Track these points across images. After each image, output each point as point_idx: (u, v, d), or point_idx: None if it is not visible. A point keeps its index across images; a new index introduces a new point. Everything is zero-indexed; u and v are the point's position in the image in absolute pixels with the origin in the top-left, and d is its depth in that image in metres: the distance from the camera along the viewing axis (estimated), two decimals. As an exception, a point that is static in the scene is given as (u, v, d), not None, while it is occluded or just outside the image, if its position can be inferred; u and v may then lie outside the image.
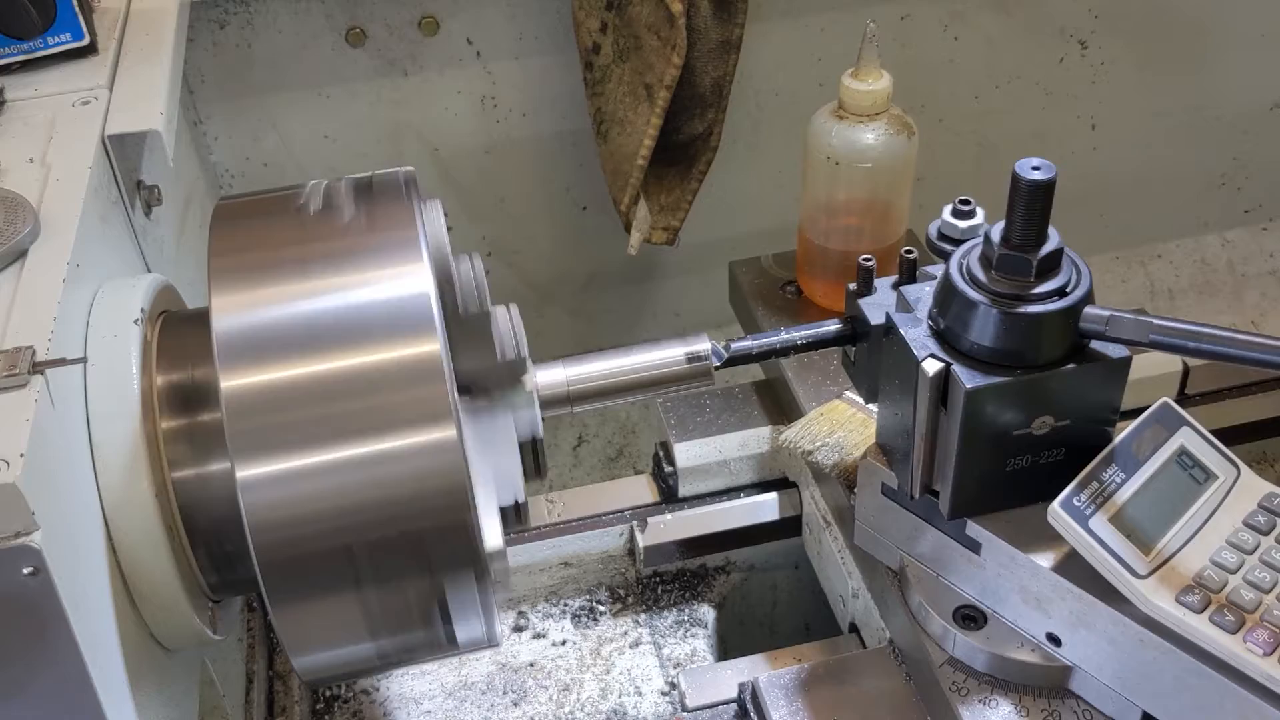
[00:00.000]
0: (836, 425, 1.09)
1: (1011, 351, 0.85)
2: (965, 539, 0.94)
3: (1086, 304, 0.86)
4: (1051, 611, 0.91)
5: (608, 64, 1.41)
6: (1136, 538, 0.85)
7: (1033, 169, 0.83)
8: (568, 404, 0.95)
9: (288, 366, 0.78)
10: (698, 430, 1.30)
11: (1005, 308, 0.85)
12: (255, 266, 0.83)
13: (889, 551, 1.03)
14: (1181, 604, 0.83)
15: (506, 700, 1.24)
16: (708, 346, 0.96)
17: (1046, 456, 0.90)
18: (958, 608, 0.96)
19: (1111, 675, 0.89)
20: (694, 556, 1.33)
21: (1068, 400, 0.88)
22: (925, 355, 0.87)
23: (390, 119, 1.52)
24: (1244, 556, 0.86)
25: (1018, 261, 0.85)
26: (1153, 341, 0.82)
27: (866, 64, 1.20)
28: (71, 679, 0.74)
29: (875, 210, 1.25)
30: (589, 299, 1.74)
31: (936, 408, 0.88)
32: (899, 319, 0.91)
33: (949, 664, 0.96)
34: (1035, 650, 0.93)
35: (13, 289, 0.81)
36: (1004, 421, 0.87)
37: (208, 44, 1.41)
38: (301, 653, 0.84)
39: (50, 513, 0.70)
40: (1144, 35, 1.66)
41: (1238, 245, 1.89)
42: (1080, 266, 0.88)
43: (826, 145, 1.21)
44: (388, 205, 0.86)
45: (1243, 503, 0.89)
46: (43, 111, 1.00)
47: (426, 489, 0.78)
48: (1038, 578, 0.90)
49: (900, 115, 1.22)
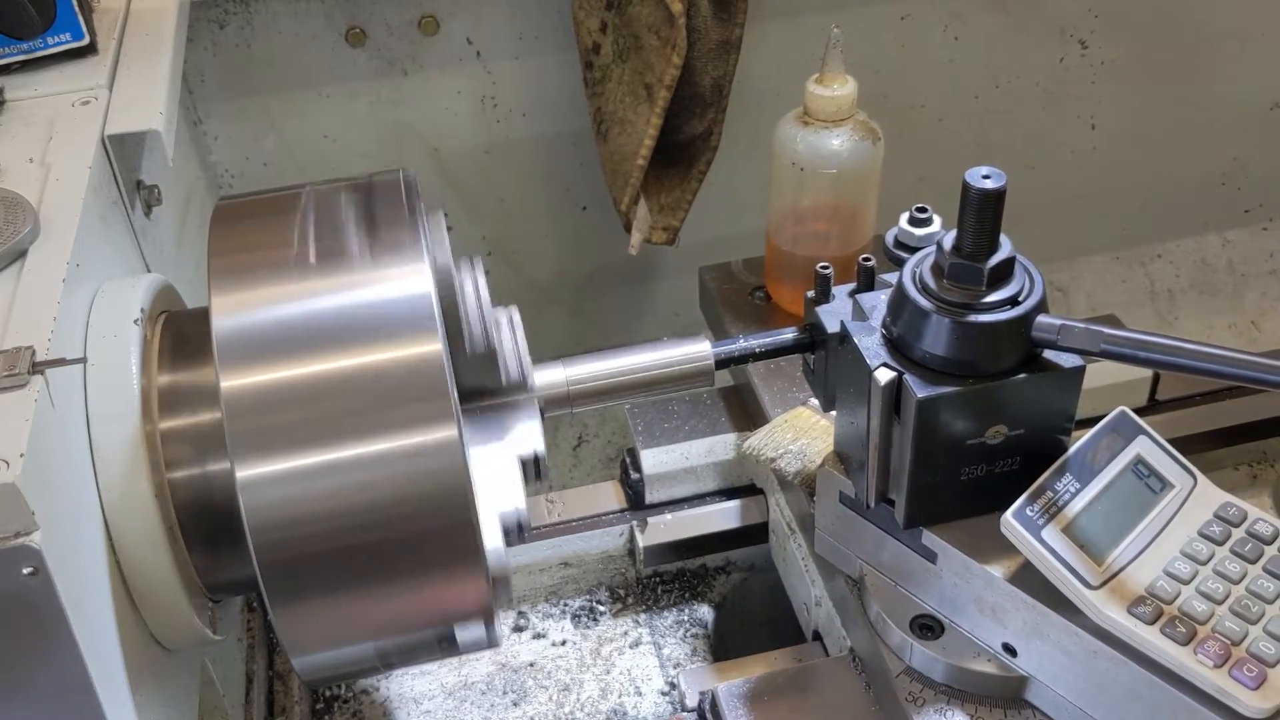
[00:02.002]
0: (800, 432, 1.09)
1: (963, 361, 0.85)
2: (921, 548, 0.94)
3: (1039, 313, 0.85)
4: (1007, 622, 0.90)
5: (608, 64, 1.41)
6: (1089, 548, 0.85)
7: (983, 178, 0.83)
8: (568, 404, 0.95)
9: (288, 366, 0.78)
10: (665, 436, 1.29)
11: (956, 317, 0.84)
12: (255, 266, 0.83)
13: (848, 560, 1.03)
14: (1133, 615, 0.83)
15: (506, 700, 1.24)
16: (708, 346, 0.96)
17: (1001, 465, 0.90)
18: (915, 617, 0.96)
19: (1066, 686, 0.89)
20: (693, 557, 1.33)
21: (1021, 410, 0.87)
22: (878, 364, 0.87)
23: (390, 119, 1.52)
24: (1198, 567, 0.85)
25: (969, 270, 0.85)
26: (1103, 351, 0.82)
27: (831, 69, 1.20)
28: (71, 679, 0.74)
29: (841, 216, 1.25)
30: (589, 299, 1.74)
31: (890, 417, 0.88)
32: (853, 327, 0.91)
33: (906, 674, 0.95)
34: (992, 660, 0.93)
35: (13, 289, 0.81)
36: (957, 431, 0.87)
37: (208, 44, 1.41)
38: (301, 653, 0.84)
39: (50, 513, 0.70)
40: (1144, 35, 1.66)
41: (1238, 245, 1.89)
42: (1034, 275, 0.87)
43: (792, 151, 1.21)
44: (388, 205, 0.86)
45: (1199, 512, 0.89)
46: (42, 111, 1.00)
47: (427, 489, 0.78)
48: (992, 588, 0.89)
49: (866, 121, 1.22)
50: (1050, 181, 1.76)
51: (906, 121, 1.66)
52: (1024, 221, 1.77)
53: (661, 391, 0.97)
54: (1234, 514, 0.89)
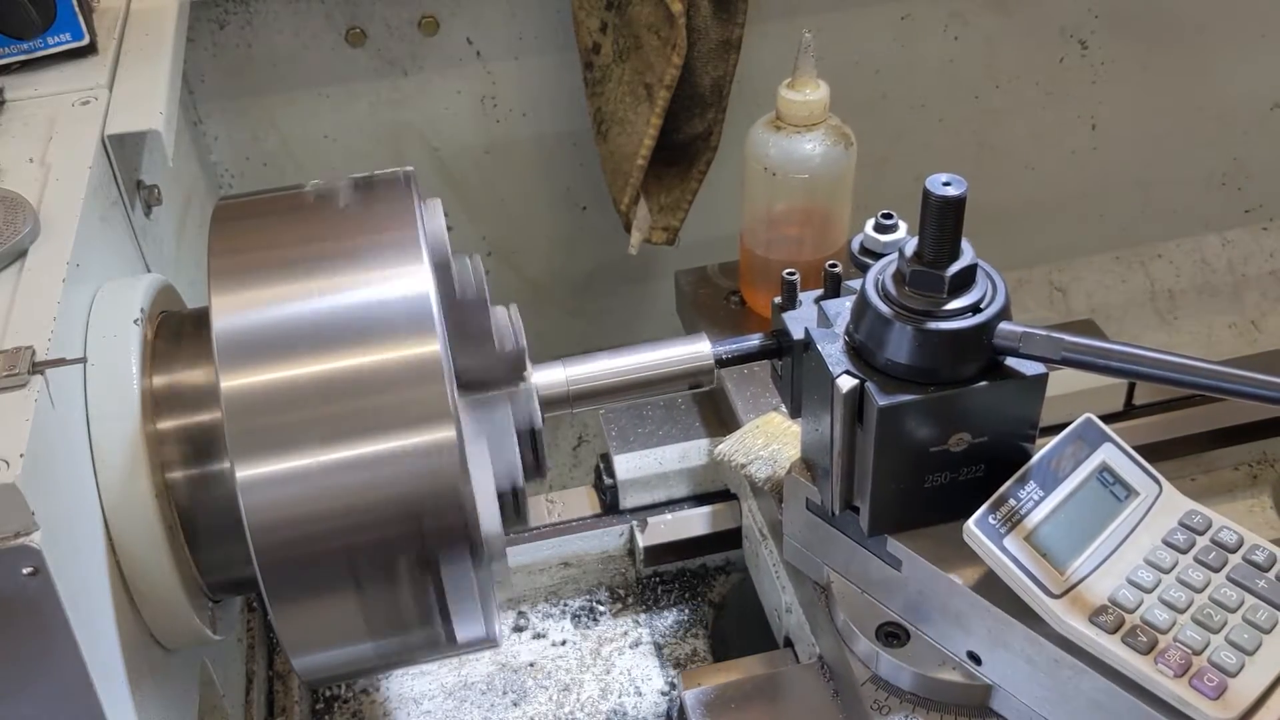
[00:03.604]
0: (771, 438, 1.08)
1: (925, 369, 0.85)
2: (887, 556, 0.93)
3: (1001, 320, 0.85)
4: (971, 630, 0.90)
5: (608, 64, 1.41)
6: (1051, 557, 0.84)
7: (943, 185, 0.82)
8: (568, 404, 0.95)
9: (288, 366, 0.78)
10: (639, 442, 1.29)
11: (918, 324, 0.84)
12: (255, 266, 0.83)
13: (816, 567, 1.02)
14: (1094, 624, 0.82)
15: (506, 700, 1.24)
16: (708, 346, 0.96)
17: (966, 473, 0.89)
18: (881, 625, 0.96)
19: (1030, 695, 0.88)
20: (694, 557, 1.33)
21: (984, 417, 0.87)
22: (840, 372, 0.87)
23: (390, 119, 1.52)
24: (1161, 575, 0.85)
25: (930, 278, 0.84)
26: (1064, 359, 0.81)
27: (803, 74, 1.19)
28: (71, 679, 0.74)
29: (814, 221, 1.25)
30: (589, 299, 1.74)
31: (852, 424, 0.88)
32: (817, 334, 0.91)
33: (872, 681, 0.95)
34: (957, 669, 0.93)
35: (13, 289, 0.81)
36: (920, 438, 0.87)
37: (208, 44, 1.41)
38: (301, 653, 0.84)
39: (50, 513, 0.70)
40: (1144, 35, 1.66)
41: (1238, 245, 1.89)
42: (996, 282, 0.87)
43: (764, 156, 1.21)
44: (388, 205, 0.86)
45: (1164, 520, 0.88)
46: (43, 111, 1.00)
47: (426, 490, 0.78)
48: (956, 595, 0.89)
49: (839, 126, 1.22)
50: (1050, 181, 1.76)
51: (906, 121, 1.66)
52: (1024, 221, 1.78)
53: (662, 391, 0.97)
54: (1199, 521, 0.88)
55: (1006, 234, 1.77)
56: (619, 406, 1.30)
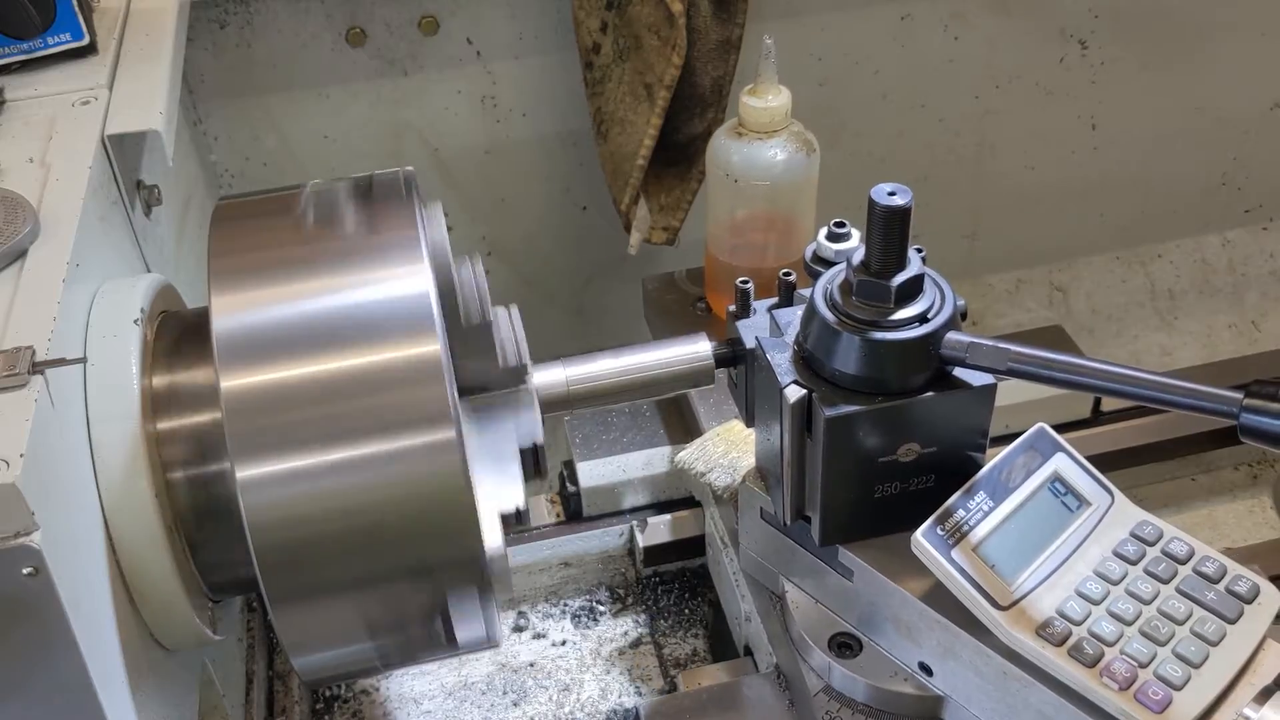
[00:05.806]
0: (732, 446, 1.08)
1: (872, 379, 0.85)
2: (839, 566, 0.93)
3: (949, 330, 0.84)
4: (922, 641, 0.90)
5: (608, 64, 1.41)
6: (999, 568, 0.84)
7: (889, 194, 0.82)
8: (568, 404, 0.95)
9: (288, 367, 0.78)
10: (602, 449, 1.29)
11: (864, 334, 0.84)
12: (255, 266, 0.83)
13: (772, 576, 1.02)
14: (1041, 637, 0.82)
15: (506, 700, 1.24)
16: (708, 346, 0.96)
17: (916, 483, 0.89)
18: (835, 635, 0.96)
19: (980, 706, 0.88)
20: (694, 557, 1.33)
21: (932, 428, 0.87)
22: (788, 382, 0.86)
23: (390, 119, 1.52)
24: (1109, 587, 0.84)
25: (876, 288, 0.84)
26: (1010, 369, 0.81)
27: (764, 80, 1.19)
28: (71, 679, 0.74)
29: (777, 227, 1.24)
30: (589, 299, 1.74)
31: (801, 435, 0.87)
32: (768, 343, 0.90)
33: (825, 692, 0.95)
34: (909, 680, 0.92)
35: (13, 289, 0.81)
36: (868, 449, 0.86)
37: (208, 44, 1.41)
38: (301, 653, 0.84)
39: (50, 513, 0.70)
40: (1144, 35, 1.66)
41: (1238, 245, 1.89)
42: (945, 292, 0.86)
43: (726, 162, 1.21)
44: (388, 205, 0.86)
45: (1115, 531, 0.87)
46: (43, 111, 1.00)
47: (426, 489, 0.78)
48: (907, 606, 0.89)
49: (801, 132, 1.21)
50: (1050, 181, 1.76)
51: (906, 121, 1.66)
52: (1024, 221, 1.78)
53: (662, 392, 0.97)
54: (1149, 532, 0.87)
55: (1006, 234, 1.77)
56: (585, 413, 1.29)
